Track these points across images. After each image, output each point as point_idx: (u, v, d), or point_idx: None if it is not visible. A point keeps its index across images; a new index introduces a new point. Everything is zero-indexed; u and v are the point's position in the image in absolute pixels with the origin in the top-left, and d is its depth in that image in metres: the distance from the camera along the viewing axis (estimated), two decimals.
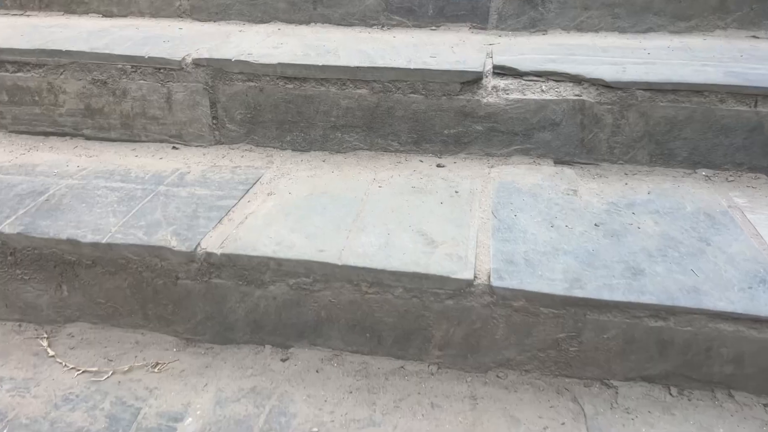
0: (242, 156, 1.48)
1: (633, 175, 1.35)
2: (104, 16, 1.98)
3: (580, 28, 1.74)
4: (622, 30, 1.72)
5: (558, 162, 1.40)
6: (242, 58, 1.45)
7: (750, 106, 1.27)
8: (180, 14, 1.94)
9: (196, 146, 1.54)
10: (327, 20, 1.87)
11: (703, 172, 1.35)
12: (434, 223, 1.14)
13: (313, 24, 1.87)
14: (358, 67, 1.40)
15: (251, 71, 1.45)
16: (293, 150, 1.51)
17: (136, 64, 1.49)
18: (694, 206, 1.21)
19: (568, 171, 1.35)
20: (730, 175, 1.33)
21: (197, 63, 1.46)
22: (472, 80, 1.37)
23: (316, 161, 1.45)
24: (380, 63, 1.41)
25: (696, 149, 1.34)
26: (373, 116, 1.45)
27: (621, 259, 1.04)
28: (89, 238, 1.11)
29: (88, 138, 1.59)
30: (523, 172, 1.35)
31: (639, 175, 1.35)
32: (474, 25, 1.79)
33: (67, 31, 1.70)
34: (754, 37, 1.64)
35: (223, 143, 1.54)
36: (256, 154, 1.49)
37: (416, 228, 1.13)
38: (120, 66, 1.50)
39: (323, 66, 1.41)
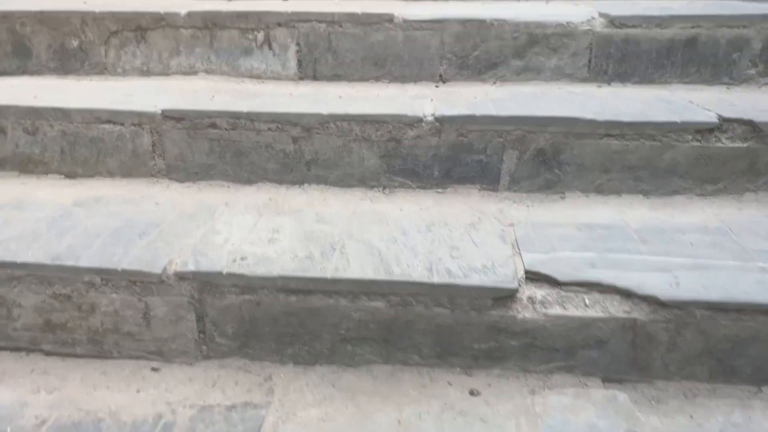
0: (236, 382, 1.25)
1: (694, 397, 1.18)
2: (66, 176, 1.75)
3: (600, 191, 1.60)
4: (645, 193, 1.59)
5: (606, 380, 1.22)
6: (235, 269, 1.24)
7: None
8: (155, 174, 1.73)
9: (180, 364, 1.30)
10: (322, 181, 1.69)
11: None
12: None
13: (306, 185, 1.69)
14: (372, 281, 1.21)
15: (246, 284, 1.24)
16: (295, 364, 1.30)
17: (107, 277, 1.26)
18: None
19: (621, 397, 1.17)
20: None
21: (181, 276, 1.25)
22: (505, 296, 1.19)
23: (325, 386, 1.24)
24: (397, 273, 1.22)
25: (762, 367, 1.18)
26: (390, 329, 1.25)
27: None
28: None
29: (48, 354, 1.34)
30: (571, 403, 1.16)
31: (701, 397, 1.18)
32: (483, 186, 1.64)
33: (22, 217, 1.47)
34: None
35: (211, 358, 1.31)
36: (253, 377, 1.26)
37: None
38: (87, 279, 1.27)
39: (332, 279, 1.22)
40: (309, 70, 2.06)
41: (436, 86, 1.99)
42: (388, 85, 2.01)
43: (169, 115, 1.66)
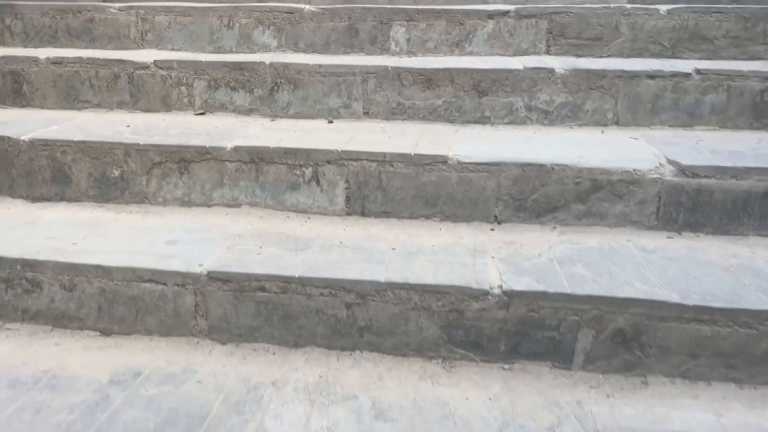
0: None
1: None
2: (102, 333, 1.64)
3: (687, 377, 1.45)
4: (738, 382, 1.43)
5: None
6: None
7: None
8: (195, 334, 1.61)
9: None
10: (375, 349, 1.56)
11: None
12: None
13: (358, 353, 1.55)
14: None
15: None
16: None
17: None
18: None
19: None
20: None
21: None
22: None
23: None
24: None
25: None
26: None
27: None
28: None
29: None
30: None
31: None
32: (555, 365, 1.49)
33: (55, 404, 1.34)
34: None
35: None
36: None
37: None
38: None
39: None
40: (357, 207, 1.96)
41: (492, 229, 1.87)
42: (440, 225, 1.90)
43: (215, 277, 1.56)
